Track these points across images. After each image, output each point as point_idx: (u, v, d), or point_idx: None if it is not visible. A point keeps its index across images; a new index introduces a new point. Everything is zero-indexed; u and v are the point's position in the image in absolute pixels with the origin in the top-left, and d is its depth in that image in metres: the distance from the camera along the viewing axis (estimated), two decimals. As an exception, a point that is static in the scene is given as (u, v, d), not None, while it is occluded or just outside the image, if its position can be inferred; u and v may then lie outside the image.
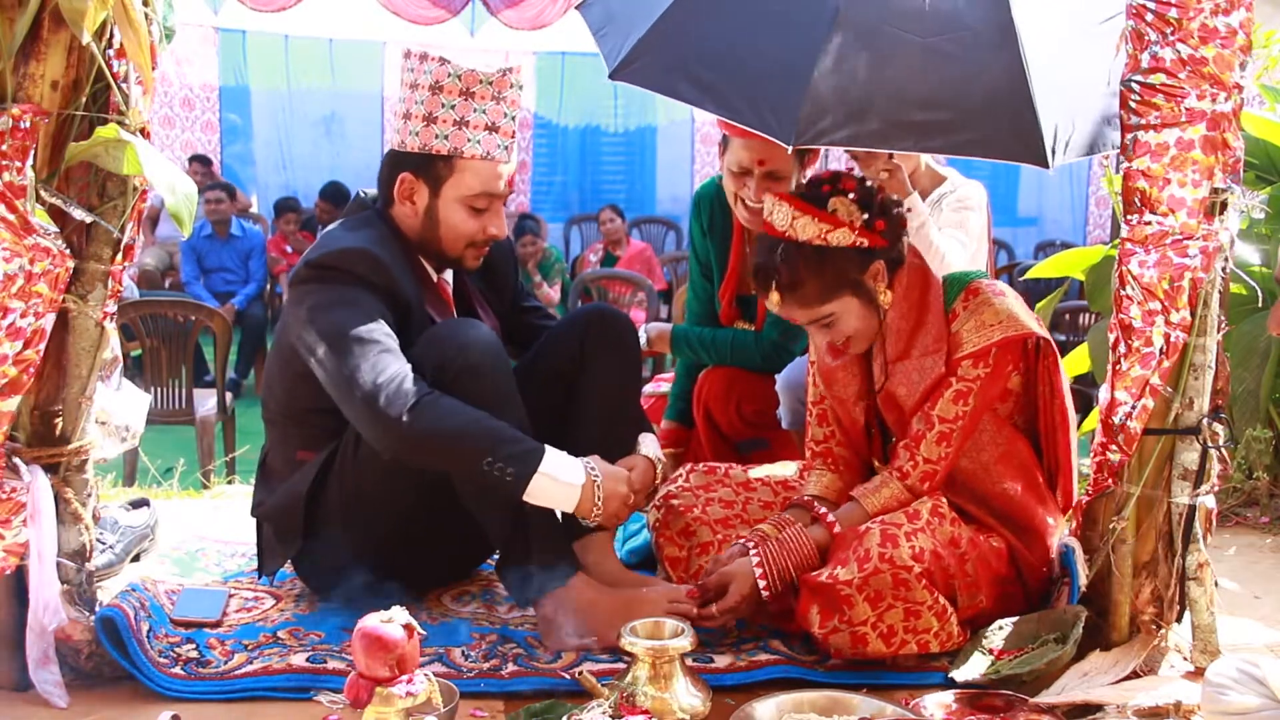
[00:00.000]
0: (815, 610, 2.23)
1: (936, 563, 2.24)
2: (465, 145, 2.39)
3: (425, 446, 2.22)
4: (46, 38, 2.01)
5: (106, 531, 2.72)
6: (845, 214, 2.29)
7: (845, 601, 2.20)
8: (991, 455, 2.41)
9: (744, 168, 3.01)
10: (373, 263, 2.34)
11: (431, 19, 8.04)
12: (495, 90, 2.39)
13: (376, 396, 2.19)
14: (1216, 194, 2.13)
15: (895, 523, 2.27)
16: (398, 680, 1.84)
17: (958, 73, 2.34)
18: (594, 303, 4.09)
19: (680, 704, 1.96)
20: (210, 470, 4.48)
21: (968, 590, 2.30)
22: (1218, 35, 2.09)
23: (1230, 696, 1.88)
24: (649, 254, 9.16)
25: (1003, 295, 2.39)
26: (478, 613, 2.54)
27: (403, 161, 2.44)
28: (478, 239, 2.47)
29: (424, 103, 2.38)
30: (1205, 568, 2.26)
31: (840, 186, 2.31)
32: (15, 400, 2.01)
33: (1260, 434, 3.43)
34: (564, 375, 2.56)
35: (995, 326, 2.34)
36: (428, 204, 2.44)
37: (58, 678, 2.11)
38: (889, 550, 2.21)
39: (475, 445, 2.21)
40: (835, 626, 2.21)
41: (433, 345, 2.31)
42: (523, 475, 2.22)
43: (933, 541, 2.26)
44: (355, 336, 2.24)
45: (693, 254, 3.42)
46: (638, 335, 2.68)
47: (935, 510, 2.31)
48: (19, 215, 1.95)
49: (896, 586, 2.20)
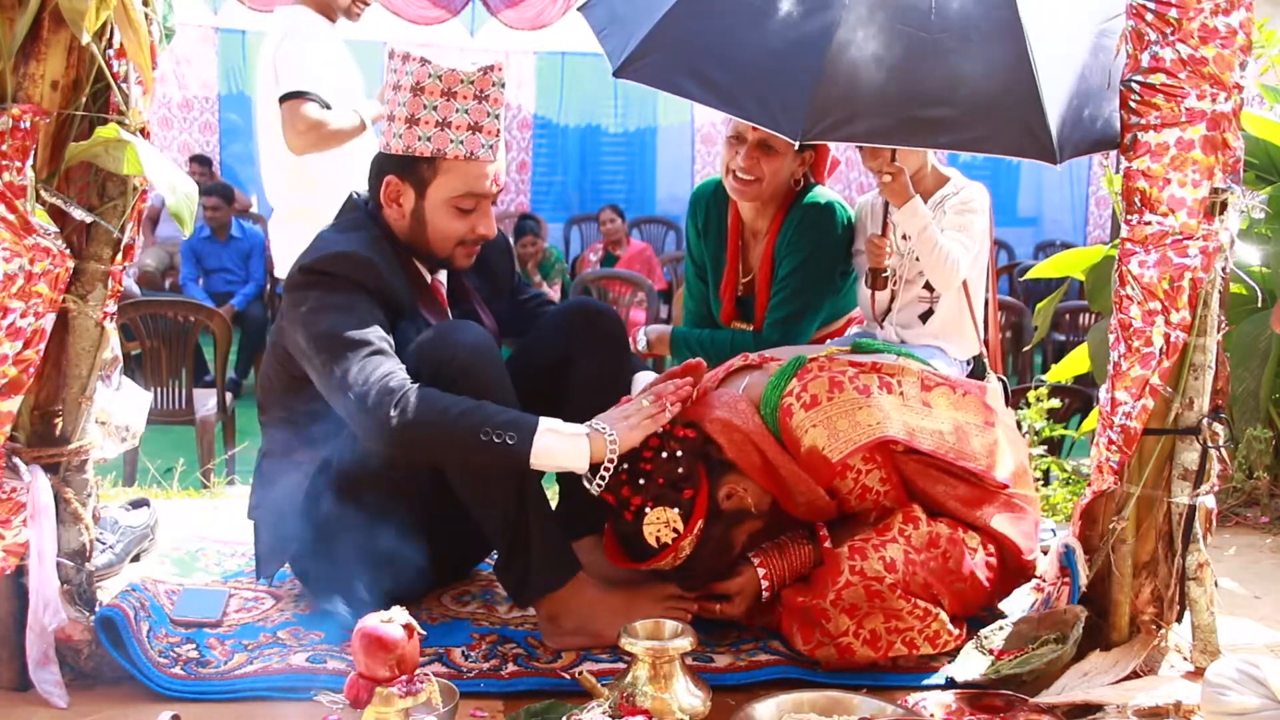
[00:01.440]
0: (796, 629, 2.26)
1: (911, 570, 2.25)
2: (448, 146, 2.38)
3: (419, 437, 2.18)
4: (46, 38, 2.01)
5: (106, 531, 2.72)
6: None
7: (822, 615, 2.22)
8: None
9: (738, 132, 3.05)
10: (365, 266, 2.34)
11: (431, 19, 8.05)
12: (478, 89, 2.38)
13: (366, 397, 2.19)
14: (1216, 194, 2.13)
15: (864, 537, 2.29)
16: (398, 680, 1.84)
17: (965, 69, 2.35)
18: (580, 298, 4.08)
19: (680, 704, 1.96)
20: (210, 470, 4.48)
21: (954, 584, 2.30)
22: (1218, 35, 2.09)
23: (1230, 697, 1.88)
24: (649, 254, 9.16)
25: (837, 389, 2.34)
26: (478, 613, 2.54)
27: (388, 164, 2.44)
28: (466, 239, 2.47)
29: (406, 104, 2.38)
30: (1205, 568, 2.26)
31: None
32: (15, 400, 2.01)
33: (1260, 434, 3.43)
34: (550, 371, 2.56)
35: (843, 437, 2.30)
36: (414, 206, 2.44)
37: (58, 678, 2.11)
38: (858, 562, 2.24)
39: (469, 422, 2.16)
40: (819, 641, 2.23)
41: (427, 348, 2.30)
42: (524, 438, 2.17)
43: (906, 549, 2.26)
44: (346, 340, 2.24)
45: (688, 255, 3.43)
46: (625, 330, 2.68)
47: (907, 518, 2.31)
48: (19, 215, 1.95)
49: (870, 598, 2.22)
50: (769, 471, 2.32)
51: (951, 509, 2.36)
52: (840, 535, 2.35)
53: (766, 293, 3.19)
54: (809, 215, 3.13)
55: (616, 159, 11.74)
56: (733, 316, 3.32)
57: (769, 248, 3.18)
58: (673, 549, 2.26)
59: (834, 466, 2.29)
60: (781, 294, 3.14)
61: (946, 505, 2.36)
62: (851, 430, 2.28)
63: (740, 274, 3.28)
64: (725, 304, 3.31)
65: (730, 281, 3.28)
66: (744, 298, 3.29)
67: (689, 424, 2.33)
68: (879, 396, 2.32)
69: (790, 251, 3.13)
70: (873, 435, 2.27)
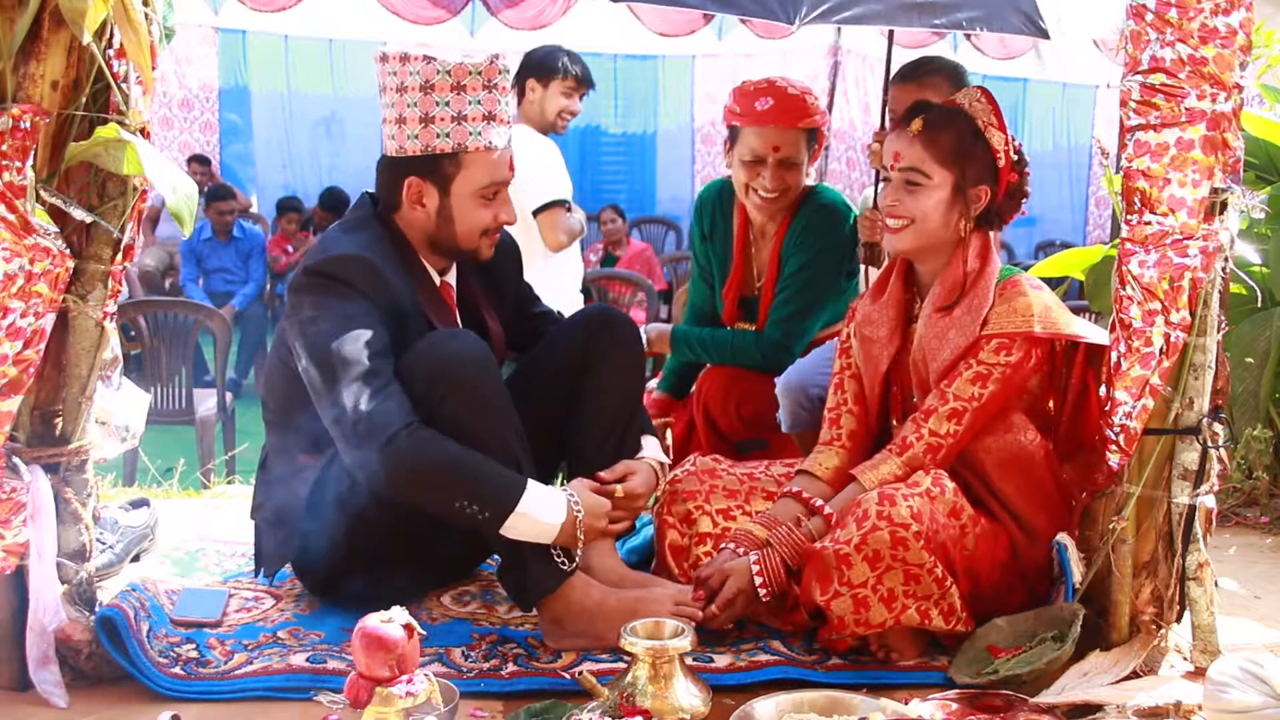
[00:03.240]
0: (815, 580, 2.24)
1: (934, 526, 2.24)
2: (468, 139, 2.38)
3: (399, 482, 2.22)
4: (46, 38, 2.01)
5: (106, 531, 2.72)
6: (1005, 142, 2.40)
7: (844, 561, 2.20)
8: (996, 457, 2.40)
9: (757, 155, 3.04)
10: (367, 269, 2.33)
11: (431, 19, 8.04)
12: (485, 79, 2.38)
13: (356, 425, 2.19)
14: (1216, 194, 2.13)
15: (894, 487, 2.28)
16: (398, 680, 1.84)
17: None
18: (597, 304, 4.09)
19: (680, 704, 1.96)
20: (210, 470, 4.48)
21: (967, 563, 2.29)
22: (1218, 35, 2.09)
23: (1232, 695, 1.89)
24: (649, 254, 9.15)
25: (1039, 289, 2.41)
26: (478, 613, 2.54)
27: (407, 166, 2.42)
28: (490, 228, 2.48)
29: (417, 104, 2.38)
30: (1205, 568, 2.26)
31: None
32: (15, 400, 2.01)
33: (1260, 434, 3.43)
34: (567, 377, 2.56)
35: (1024, 319, 2.35)
36: (439, 204, 2.43)
37: (58, 678, 2.11)
38: (886, 508, 2.22)
39: (451, 488, 2.23)
40: (836, 590, 2.21)
41: (421, 359, 2.29)
42: (498, 515, 2.24)
43: (931, 506, 2.25)
44: (341, 357, 2.23)
45: (694, 257, 3.44)
46: (641, 338, 2.68)
47: (936, 480, 2.31)
48: (19, 215, 1.95)
49: (895, 545, 2.19)
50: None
51: (1016, 504, 2.37)
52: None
53: (773, 293, 3.20)
54: (817, 216, 3.13)
55: (616, 159, 11.74)
56: (735, 318, 3.32)
57: (776, 248, 3.18)
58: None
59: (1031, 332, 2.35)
60: (785, 293, 3.14)
61: (1011, 499, 2.37)
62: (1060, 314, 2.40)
63: (747, 276, 3.28)
64: (728, 305, 3.31)
65: (735, 283, 3.28)
66: (748, 299, 3.29)
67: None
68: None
69: (797, 250, 3.13)
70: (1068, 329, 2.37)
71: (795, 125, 3.05)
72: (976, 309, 2.37)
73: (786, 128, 3.04)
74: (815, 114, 3.08)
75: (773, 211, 3.13)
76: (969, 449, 2.39)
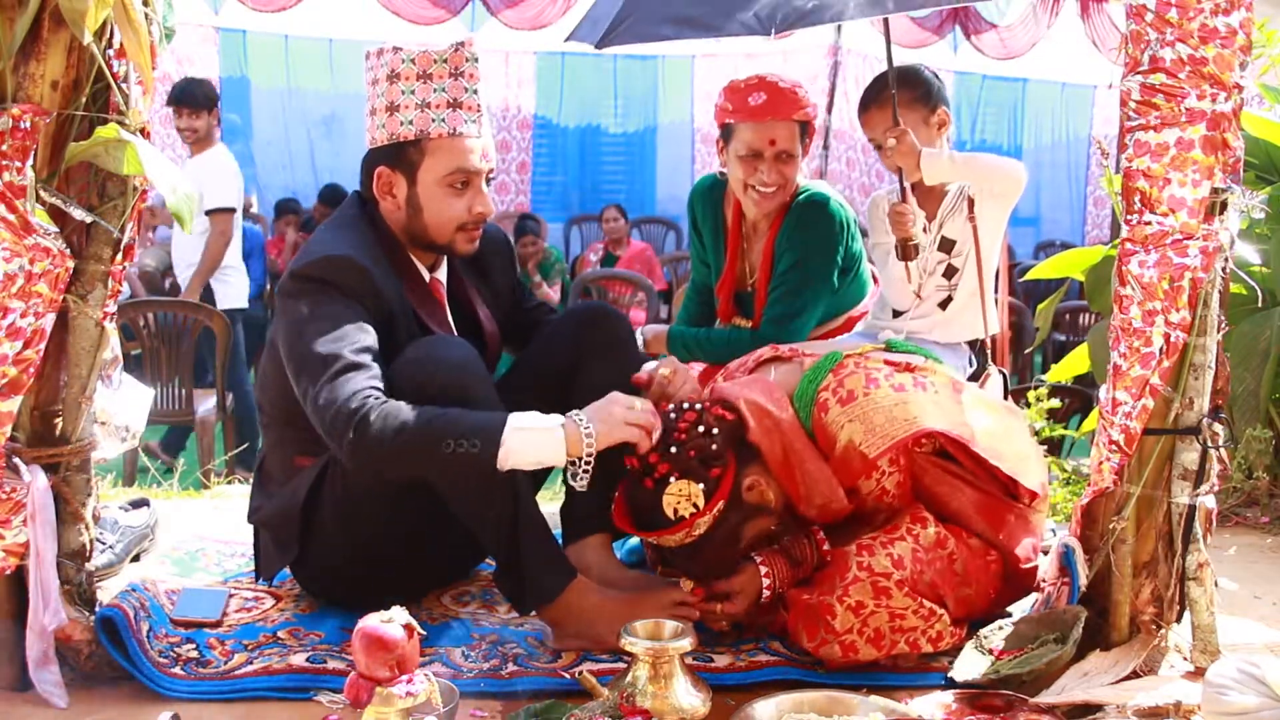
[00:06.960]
0: (801, 627, 2.26)
1: (918, 569, 2.25)
2: (431, 126, 2.37)
3: (379, 455, 2.14)
4: (46, 38, 2.01)
5: (106, 531, 2.72)
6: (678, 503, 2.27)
7: (828, 612, 2.22)
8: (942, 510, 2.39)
9: (755, 150, 3.05)
10: (353, 270, 2.32)
11: (431, 19, 8.04)
12: (451, 67, 2.38)
13: (325, 418, 2.16)
14: (1216, 194, 2.13)
15: (872, 536, 2.29)
16: (398, 680, 1.84)
17: None
18: (589, 302, 4.09)
19: (680, 704, 1.96)
20: (210, 470, 4.48)
21: (959, 588, 2.30)
22: (1218, 35, 2.09)
23: (1231, 696, 1.88)
24: (649, 254, 9.15)
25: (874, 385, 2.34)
26: (478, 613, 2.54)
27: (376, 157, 2.43)
28: (465, 221, 2.44)
29: (384, 94, 2.38)
30: (1205, 568, 2.25)
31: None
32: (15, 400, 2.01)
33: (1260, 434, 3.43)
34: (560, 374, 2.55)
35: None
36: (407, 193, 2.43)
37: (58, 678, 2.11)
38: (865, 559, 2.24)
39: (430, 434, 2.13)
40: (823, 638, 2.23)
41: (408, 367, 2.27)
42: (490, 441, 2.13)
43: (914, 548, 2.27)
44: (320, 358, 2.20)
45: (693, 252, 3.46)
46: (634, 334, 2.68)
47: (915, 518, 2.32)
48: (19, 215, 1.95)
49: (877, 595, 2.22)
50: (788, 467, 2.31)
51: (965, 517, 2.36)
52: (838, 539, 2.35)
53: (766, 288, 3.20)
54: (807, 212, 3.14)
55: (616, 159, 11.75)
56: (731, 314, 3.32)
57: (769, 243, 3.18)
58: (688, 524, 2.24)
59: (869, 462, 2.27)
60: (778, 291, 3.14)
61: (961, 512, 2.36)
62: (889, 425, 2.26)
63: (740, 272, 3.28)
64: (722, 301, 3.31)
65: (729, 279, 3.29)
66: (742, 294, 3.29)
67: (727, 405, 2.32)
68: (914, 393, 2.32)
69: (789, 247, 3.13)
70: (911, 430, 2.26)
71: (790, 117, 3.06)
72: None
73: (782, 120, 3.05)
74: (807, 106, 3.10)
75: (770, 207, 3.13)
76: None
